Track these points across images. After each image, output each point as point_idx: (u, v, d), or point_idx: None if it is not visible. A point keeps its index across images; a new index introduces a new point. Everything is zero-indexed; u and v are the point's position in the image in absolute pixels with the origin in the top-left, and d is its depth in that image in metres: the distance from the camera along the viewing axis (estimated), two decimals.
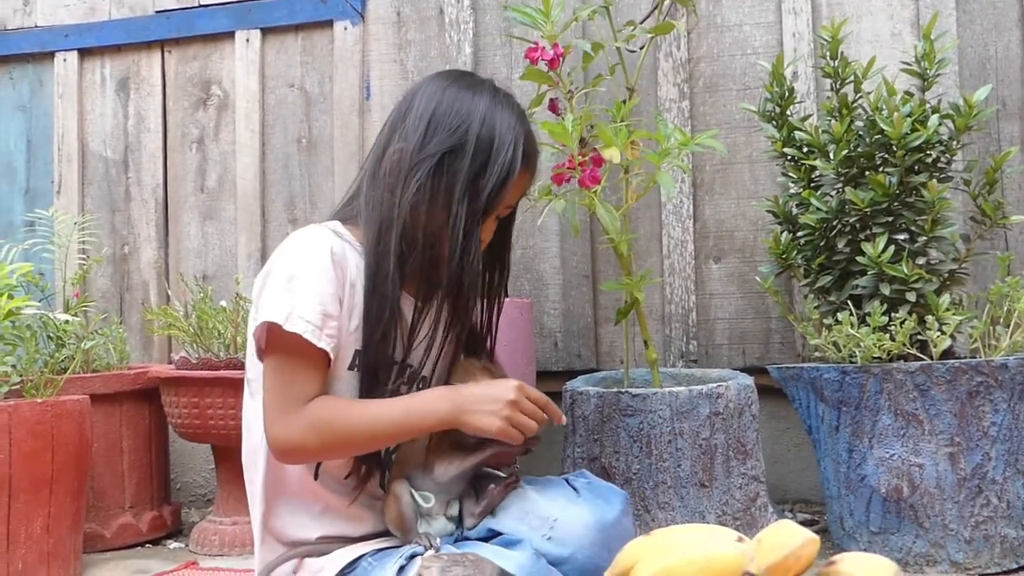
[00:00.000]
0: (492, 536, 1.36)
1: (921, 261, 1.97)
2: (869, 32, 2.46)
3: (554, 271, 2.63)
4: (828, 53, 2.12)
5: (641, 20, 2.23)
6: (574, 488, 1.43)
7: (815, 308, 2.06)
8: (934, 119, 1.94)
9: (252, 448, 1.40)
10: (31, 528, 1.94)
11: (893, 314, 1.90)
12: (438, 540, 1.34)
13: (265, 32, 2.88)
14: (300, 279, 1.31)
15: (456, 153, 1.36)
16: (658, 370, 1.97)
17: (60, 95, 3.02)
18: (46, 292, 2.40)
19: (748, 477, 1.87)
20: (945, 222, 1.98)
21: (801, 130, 2.09)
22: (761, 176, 2.51)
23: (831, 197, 2.05)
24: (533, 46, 1.82)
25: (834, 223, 2.03)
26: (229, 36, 2.91)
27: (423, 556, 1.27)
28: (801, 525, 1.15)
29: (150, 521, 2.42)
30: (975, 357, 1.94)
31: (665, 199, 2.54)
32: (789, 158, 2.13)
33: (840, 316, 1.93)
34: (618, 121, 1.80)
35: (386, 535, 1.41)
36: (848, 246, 2.01)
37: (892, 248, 1.92)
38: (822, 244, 2.05)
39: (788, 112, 2.17)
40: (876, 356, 1.89)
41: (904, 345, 1.88)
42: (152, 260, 2.95)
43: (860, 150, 2.01)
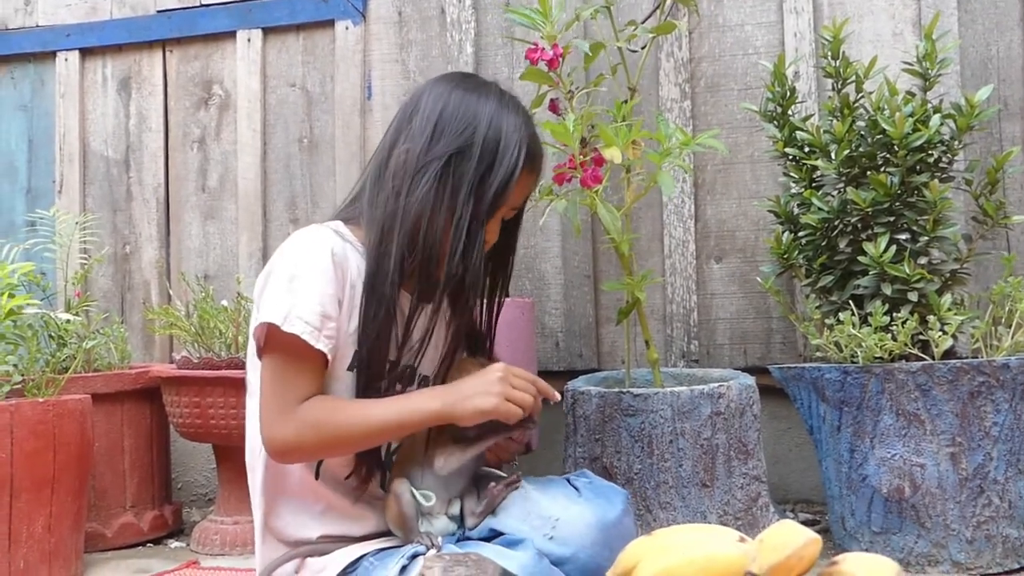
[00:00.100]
0: (494, 536, 1.36)
1: (923, 261, 1.97)
2: (871, 32, 2.46)
3: (555, 271, 2.63)
4: (829, 53, 2.11)
5: (643, 20, 2.23)
6: (575, 488, 1.43)
7: (816, 308, 2.06)
8: (936, 119, 1.94)
9: (253, 448, 1.41)
10: (33, 527, 1.94)
11: (895, 314, 1.90)
12: (440, 539, 1.34)
13: (266, 32, 2.88)
14: (300, 280, 1.31)
15: (463, 155, 1.36)
16: (659, 370, 1.97)
17: (61, 95, 3.03)
18: (47, 291, 2.40)
19: (749, 477, 1.87)
20: (947, 222, 1.98)
21: (803, 130, 2.09)
22: (762, 176, 2.50)
23: (832, 197, 2.05)
24: (533, 47, 1.82)
25: (836, 223, 2.03)
26: (230, 36, 2.91)
27: (425, 556, 1.27)
28: (803, 525, 1.15)
29: (151, 520, 2.42)
30: (977, 357, 1.94)
31: (666, 199, 2.54)
32: (791, 158, 2.13)
33: (842, 316, 1.93)
34: (619, 121, 1.80)
35: (388, 535, 1.41)
36: (850, 246, 2.01)
37: (894, 248, 1.92)
38: (824, 244, 2.05)
39: (789, 112, 2.17)
40: (878, 356, 1.89)
41: (906, 345, 1.87)
42: (153, 260, 2.95)
43: (862, 150, 2.00)
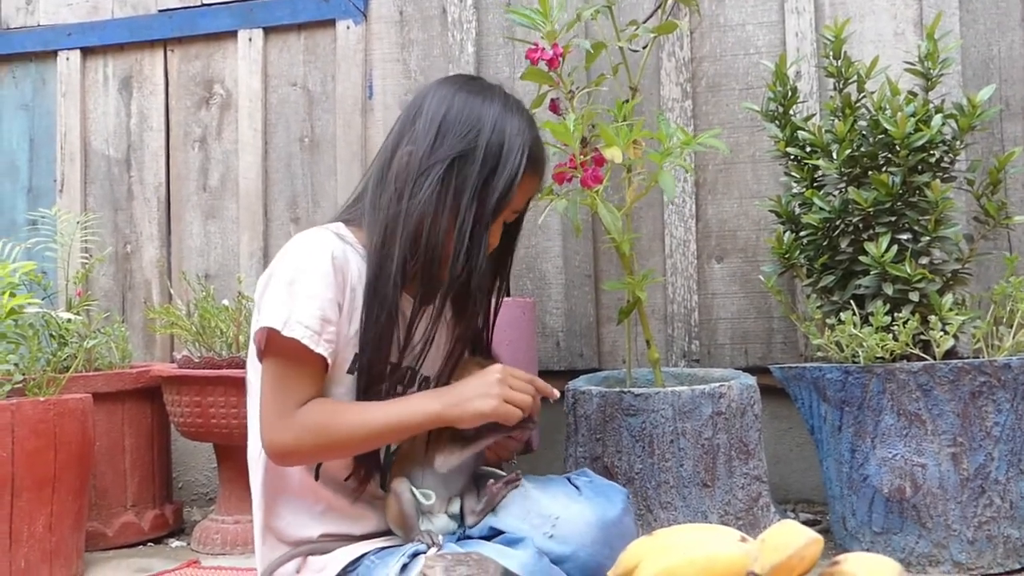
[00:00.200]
0: (494, 534, 1.36)
1: (924, 261, 1.97)
2: (872, 32, 2.45)
3: (556, 270, 2.62)
4: (831, 53, 2.11)
5: (644, 20, 2.23)
6: (576, 486, 1.44)
7: (818, 308, 2.06)
8: (937, 119, 1.94)
9: (254, 448, 1.41)
10: (33, 526, 1.94)
11: (896, 314, 1.90)
12: (440, 538, 1.34)
13: (268, 31, 2.88)
14: (300, 284, 1.31)
15: (466, 158, 1.36)
16: (660, 370, 1.97)
17: (63, 94, 3.03)
18: (49, 291, 2.40)
19: (750, 477, 1.87)
20: (948, 222, 1.98)
21: (804, 130, 2.09)
22: (764, 176, 2.50)
23: (834, 197, 2.05)
24: (534, 46, 1.82)
25: (837, 223, 2.02)
26: (232, 35, 2.91)
27: (426, 555, 1.27)
28: (804, 525, 1.15)
29: (152, 520, 2.42)
30: (978, 357, 1.94)
31: (667, 199, 2.54)
32: (792, 158, 2.13)
33: (843, 316, 1.93)
34: (620, 120, 1.80)
35: (388, 534, 1.41)
36: (851, 246, 2.01)
37: (895, 248, 1.92)
38: (825, 244, 2.05)
39: (791, 112, 2.17)
40: (879, 356, 1.88)
41: (907, 345, 1.87)
42: (154, 259, 2.95)
43: (863, 150, 2.00)
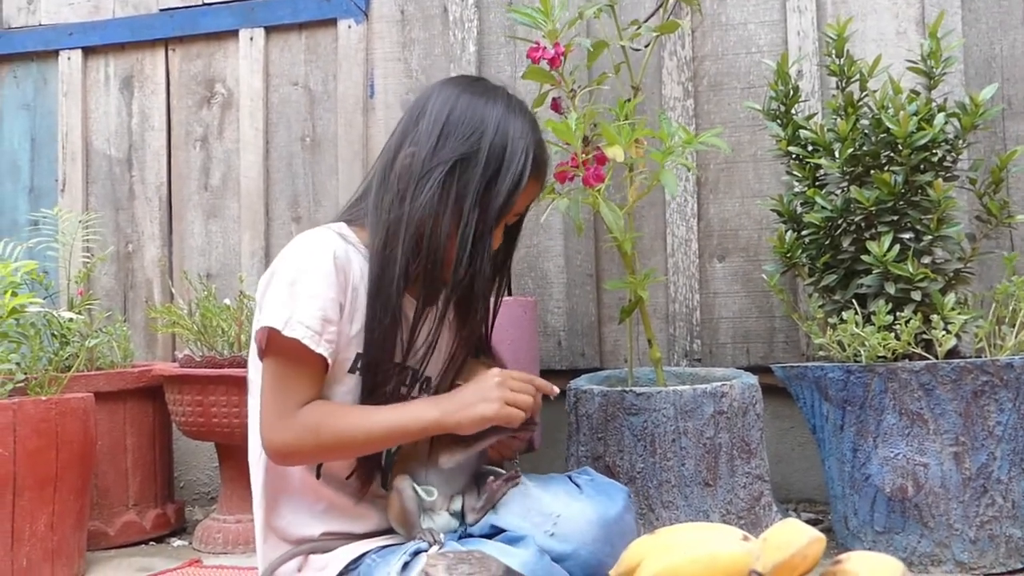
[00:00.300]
0: (495, 533, 1.37)
1: (926, 260, 1.96)
2: (874, 30, 2.45)
3: (558, 269, 2.62)
4: (833, 51, 2.11)
5: (646, 18, 2.23)
6: (577, 485, 1.44)
7: (820, 307, 2.06)
8: (940, 118, 1.94)
9: (255, 447, 1.41)
10: (35, 525, 1.94)
11: (898, 313, 1.90)
12: (442, 536, 1.34)
13: (269, 30, 2.88)
14: (301, 284, 1.31)
15: (469, 160, 1.35)
16: (662, 369, 1.97)
17: (64, 93, 3.03)
18: (50, 290, 2.40)
19: (752, 476, 1.86)
20: (951, 221, 1.98)
21: (806, 128, 2.09)
22: (766, 175, 2.50)
23: (836, 196, 2.04)
24: (535, 45, 1.82)
25: (839, 222, 2.02)
26: (233, 34, 2.91)
27: (428, 553, 1.27)
28: (805, 524, 1.15)
29: (154, 519, 2.42)
30: (980, 356, 1.93)
31: (669, 198, 2.54)
32: (794, 157, 2.13)
33: (845, 315, 1.93)
34: (622, 119, 1.80)
35: (390, 532, 1.41)
36: (853, 245, 2.00)
37: (897, 247, 1.92)
38: (827, 243, 2.05)
39: (793, 111, 2.16)
40: (881, 355, 1.88)
41: (909, 344, 1.87)
42: (156, 258, 2.95)
43: (865, 149, 2.00)
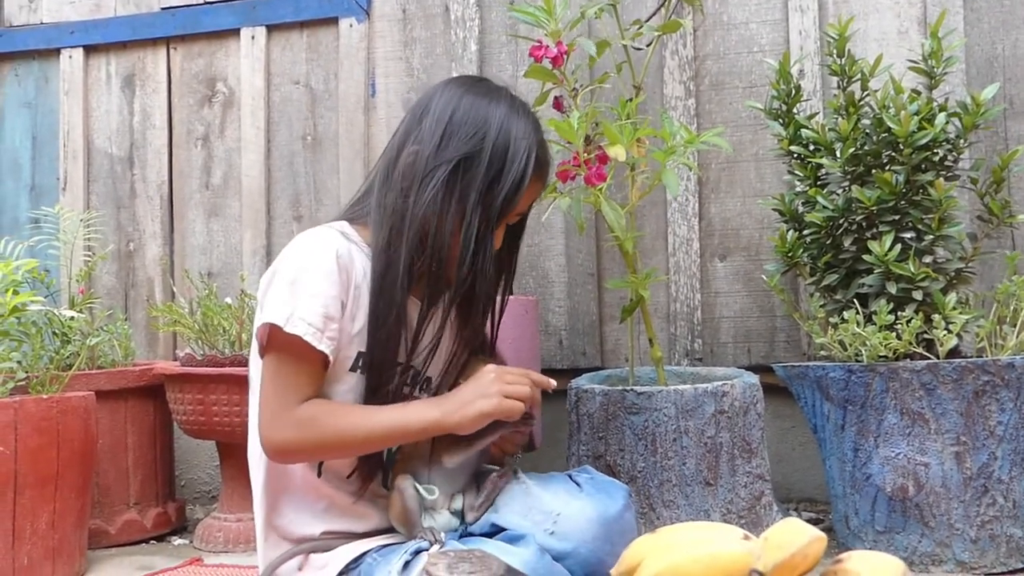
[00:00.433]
0: (496, 531, 1.37)
1: (928, 260, 1.96)
2: (876, 30, 2.45)
3: (559, 269, 2.62)
4: (835, 51, 2.11)
5: (648, 18, 2.23)
6: (577, 483, 1.44)
7: (821, 306, 2.06)
8: (941, 117, 1.94)
9: (255, 446, 1.40)
10: (36, 524, 1.94)
11: (899, 313, 1.90)
12: (443, 535, 1.34)
13: (270, 29, 2.88)
14: (303, 281, 1.31)
15: (472, 160, 1.35)
16: (663, 368, 1.97)
17: (66, 92, 3.03)
18: (51, 289, 2.40)
19: (753, 476, 1.86)
20: (952, 221, 1.98)
21: (807, 128, 2.08)
22: (767, 174, 2.50)
23: (837, 195, 2.04)
24: (537, 44, 1.82)
25: (840, 221, 2.02)
26: (234, 33, 2.91)
27: (429, 552, 1.27)
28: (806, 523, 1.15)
29: (155, 518, 2.42)
30: (981, 356, 1.93)
31: (670, 197, 2.53)
32: (795, 156, 2.13)
33: (846, 315, 1.92)
34: (624, 119, 1.80)
35: (391, 531, 1.41)
36: (854, 244, 2.00)
37: (899, 247, 1.92)
38: (828, 242, 2.05)
39: (794, 110, 2.16)
40: (882, 355, 1.88)
41: (910, 344, 1.87)
42: (157, 257, 2.96)
43: (867, 148, 2.00)
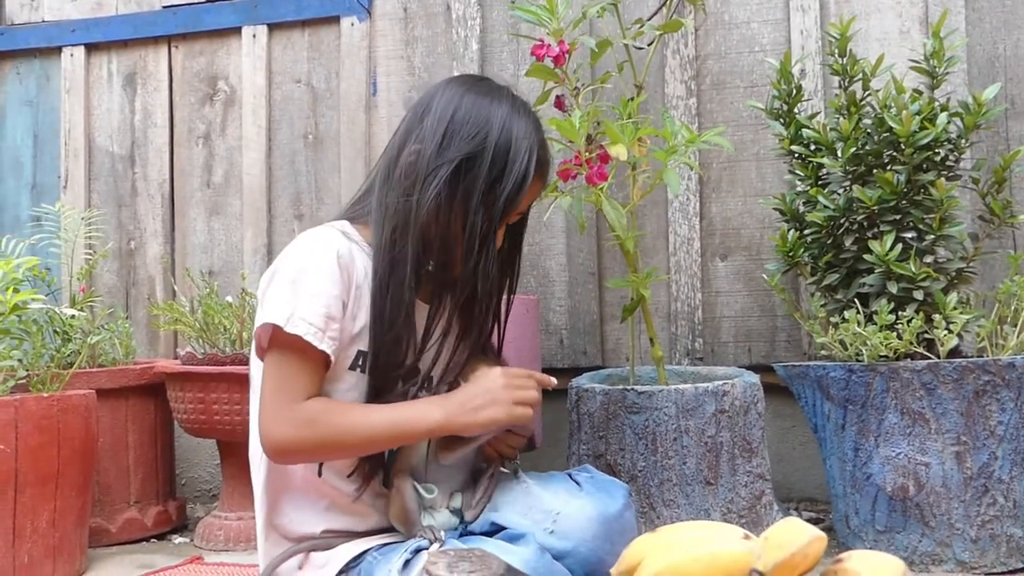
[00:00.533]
0: (496, 530, 1.37)
1: (929, 259, 1.96)
2: (877, 30, 2.45)
3: (560, 268, 2.62)
4: (836, 50, 2.11)
5: (649, 17, 2.23)
6: (577, 482, 1.44)
7: (822, 306, 2.06)
8: (943, 117, 1.94)
9: (256, 445, 1.40)
10: (37, 522, 1.94)
11: (900, 312, 1.90)
12: (443, 533, 1.34)
13: (272, 28, 2.88)
14: (304, 281, 1.31)
15: (474, 159, 1.35)
16: (664, 367, 1.97)
17: (67, 90, 3.03)
18: (52, 287, 2.40)
19: (753, 475, 1.86)
20: (953, 220, 1.98)
21: (809, 128, 2.08)
22: (768, 174, 2.50)
23: (839, 195, 2.04)
24: (539, 43, 1.82)
25: (841, 221, 2.02)
26: (236, 32, 2.91)
27: (428, 551, 1.27)
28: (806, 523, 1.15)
29: (155, 516, 2.43)
30: (982, 356, 1.93)
31: (671, 196, 2.53)
32: (796, 156, 2.13)
33: (847, 314, 1.92)
34: (625, 118, 1.80)
35: (391, 530, 1.41)
36: (855, 244, 2.00)
37: (900, 246, 1.91)
38: (829, 242, 2.05)
39: (796, 110, 2.16)
40: (883, 354, 1.88)
41: (911, 344, 1.87)
42: (158, 255, 2.96)
43: (868, 148, 2.00)
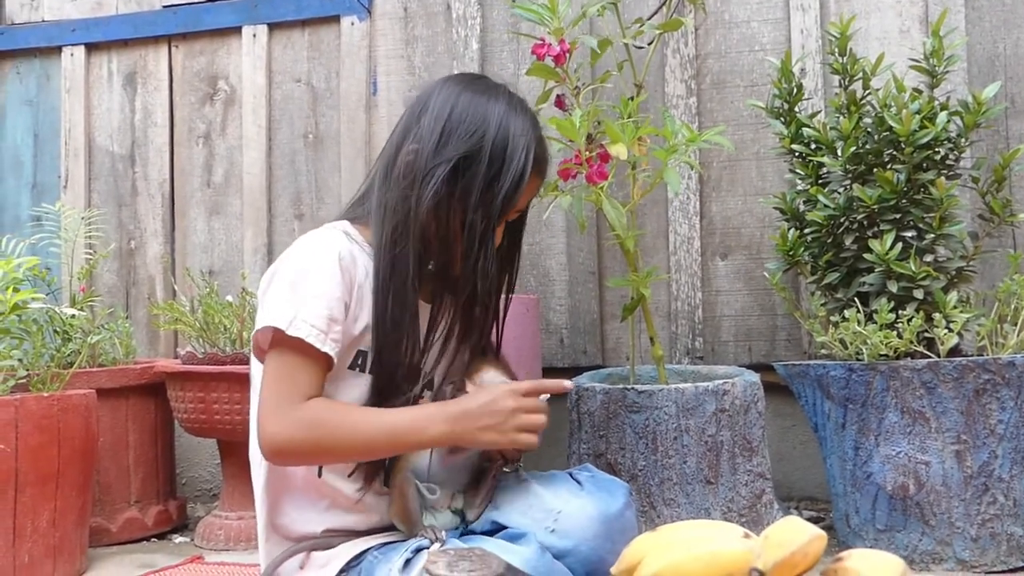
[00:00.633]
0: (497, 530, 1.37)
1: (929, 258, 1.96)
2: (878, 29, 2.45)
3: (560, 267, 2.62)
4: (836, 50, 2.11)
5: (649, 16, 2.23)
6: (578, 481, 1.44)
7: (822, 305, 2.06)
8: (943, 116, 1.94)
9: (256, 446, 1.40)
10: (37, 522, 1.95)
11: (900, 311, 1.90)
12: (444, 533, 1.34)
13: (272, 27, 2.88)
14: (305, 283, 1.30)
15: (472, 158, 1.35)
16: (664, 367, 1.97)
17: (67, 90, 3.03)
18: (53, 286, 2.40)
19: (754, 474, 1.86)
20: (953, 219, 1.98)
21: (809, 127, 2.08)
22: (768, 173, 2.50)
23: (839, 194, 2.04)
24: (540, 42, 1.82)
25: (842, 220, 2.02)
26: (236, 31, 2.91)
27: (429, 550, 1.27)
28: (807, 522, 1.15)
29: (156, 515, 2.43)
30: (982, 355, 1.93)
31: (672, 195, 2.53)
32: (797, 155, 2.13)
33: (847, 313, 1.93)
34: (625, 117, 1.80)
35: (392, 529, 1.41)
36: (855, 243, 2.00)
37: (900, 245, 1.91)
38: (829, 241, 2.05)
39: (796, 109, 2.16)
40: (883, 353, 1.88)
41: (911, 342, 1.87)
42: (158, 255, 2.96)
43: (868, 147, 2.00)
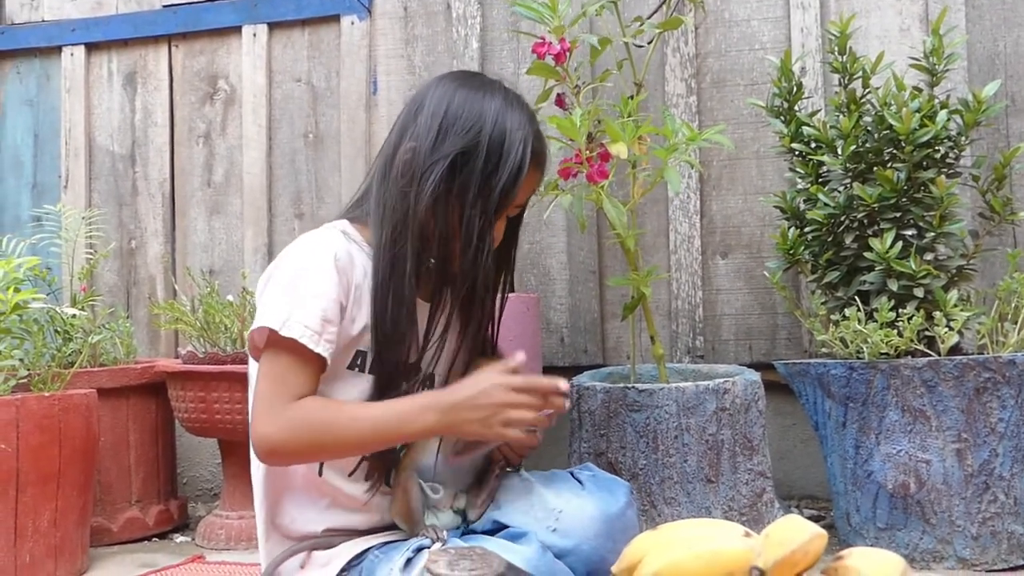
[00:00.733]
0: (498, 529, 1.37)
1: (929, 257, 1.96)
2: (878, 27, 2.45)
3: (560, 266, 2.62)
4: (836, 48, 2.11)
5: (649, 15, 2.23)
6: (579, 480, 1.44)
7: (822, 304, 2.06)
8: (943, 115, 1.94)
9: None
10: (38, 521, 1.95)
11: (901, 310, 1.90)
12: (445, 533, 1.34)
13: (272, 27, 2.88)
14: (300, 284, 1.30)
15: (469, 154, 1.35)
16: (665, 366, 1.98)
17: (67, 89, 3.03)
18: (53, 286, 2.40)
19: (754, 473, 1.87)
20: (953, 218, 1.98)
21: (809, 125, 2.08)
22: (768, 171, 2.50)
23: (839, 193, 2.04)
24: (540, 41, 1.82)
25: (842, 219, 2.02)
26: (236, 31, 2.91)
27: (430, 549, 1.27)
28: (807, 520, 1.15)
29: (157, 515, 2.43)
30: (983, 353, 1.93)
31: (672, 194, 2.53)
32: (797, 153, 2.13)
33: (847, 312, 1.93)
34: (625, 116, 1.80)
35: (393, 528, 1.41)
36: (856, 242, 2.00)
37: (900, 244, 1.92)
38: (830, 240, 2.05)
39: (796, 107, 2.16)
40: (883, 352, 1.88)
41: (911, 341, 1.87)
42: (159, 254, 2.96)
43: (868, 145, 2.00)
